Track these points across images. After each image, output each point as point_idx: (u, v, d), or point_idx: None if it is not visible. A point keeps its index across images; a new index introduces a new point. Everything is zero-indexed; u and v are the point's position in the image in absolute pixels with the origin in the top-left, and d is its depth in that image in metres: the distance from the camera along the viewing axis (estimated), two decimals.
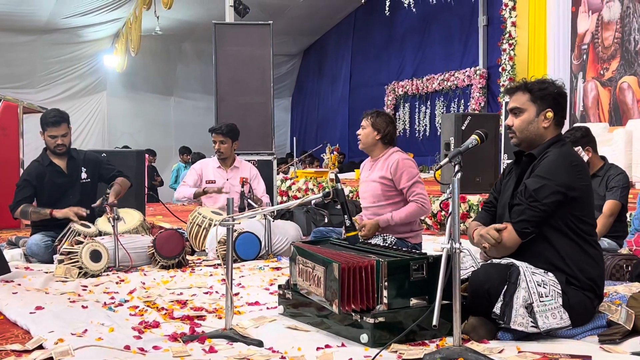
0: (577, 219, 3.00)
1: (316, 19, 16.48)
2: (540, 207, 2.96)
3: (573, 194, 2.97)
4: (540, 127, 3.13)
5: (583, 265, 2.99)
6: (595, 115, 9.71)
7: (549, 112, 3.12)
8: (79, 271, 4.47)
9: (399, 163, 4.59)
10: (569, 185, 2.97)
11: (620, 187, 4.68)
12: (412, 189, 4.57)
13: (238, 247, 5.11)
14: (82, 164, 5.40)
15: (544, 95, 3.12)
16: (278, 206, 3.55)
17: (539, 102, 3.12)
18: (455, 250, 2.63)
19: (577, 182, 2.99)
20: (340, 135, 16.66)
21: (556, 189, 2.96)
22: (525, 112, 3.14)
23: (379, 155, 4.73)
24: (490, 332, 2.91)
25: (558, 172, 2.99)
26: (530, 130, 3.13)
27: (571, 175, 2.99)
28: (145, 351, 2.78)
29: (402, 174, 4.58)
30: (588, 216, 3.07)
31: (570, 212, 2.99)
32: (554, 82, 3.18)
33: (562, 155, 3.05)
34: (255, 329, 3.11)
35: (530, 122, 3.13)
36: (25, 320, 3.24)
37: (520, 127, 3.15)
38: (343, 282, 2.88)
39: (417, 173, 4.66)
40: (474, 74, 12.58)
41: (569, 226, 3.00)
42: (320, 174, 10.57)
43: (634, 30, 9.08)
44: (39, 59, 15.17)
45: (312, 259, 3.14)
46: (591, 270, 3.01)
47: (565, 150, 3.09)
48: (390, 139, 4.74)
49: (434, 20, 13.90)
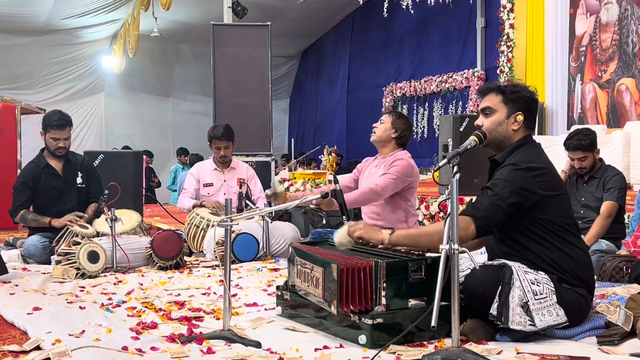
0: (550, 222, 3.01)
1: (314, 20, 16.48)
2: (495, 197, 2.97)
3: (534, 198, 2.97)
4: (509, 130, 3.14)
5: (569, 264, 3.01)
6: (593, 117, 9.71)
7: (519, 115, 3.13)
8: (76, 272, 4.46)
9: (397, 159, 4.68)
10: (529, 189, 2.97)
11: (618, 188, 4.68)
12: (381, 177, 4.63)
13: (236, 248, 5.10)
14: (79, 168, 5.39)
15: (517, 98, 3.14)
16: (276, 207, 3.55)
17: (511, 104, 3.14)
18: (453, 251, 2.62)
19: (537, 187, 2.98)
20: (338, 137, 16.66)
21: (514, 188, 2.97)
22: (496, 113, 3.16)
23: (388, 154, 4.77)
24: (488, 333, 2.91)
25: (516, 177, 3.00)
26: (499, 132, 3.15)
27: (529, 180, 2.99)
28: (143, 352, 2.77)
29: (392, 167, 4.66)
30: (563, 215, 3.06)
31: (540, 217, 3.00)
32: (527, 87, 3.21)
33: (520, 162, 3.05)
34: (253, 330, 3.11)
35: (500, 123, 3.14)
36: (23, 321, 3.22)
37: (490, 128, 3.16)
38: (342, 283, 2.88)
39: (402, 176, 4.66)
40: (472, 76, 12.58)
41: (544, 230, 3.01)
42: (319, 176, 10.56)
43: (631, 32, 9.09)
44: (37, 60, 15.16)
45: (310, 260, 3.14)
46: (578, 268, 3.02)
47: (527, 155, 3.08)
48: (404, 141, 4.86)
49: (432, 22, 13.91)
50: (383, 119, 4.84)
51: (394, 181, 4.63)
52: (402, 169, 4.66)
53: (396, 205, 4.75)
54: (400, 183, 4.66)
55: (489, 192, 3.02)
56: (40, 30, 14.45)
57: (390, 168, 4.68)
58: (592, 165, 4.81)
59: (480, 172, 7.47)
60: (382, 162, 4.81)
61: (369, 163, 4.98)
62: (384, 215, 4.77)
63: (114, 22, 14.87)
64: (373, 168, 4.87)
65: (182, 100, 17.26)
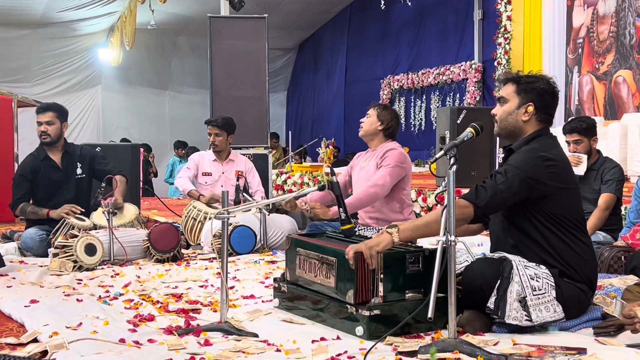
0: (559, 215, 3.00)
1: (311, 13, 16.44)
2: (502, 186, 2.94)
3: (543, 189, 2.96)
4: (519, 120, 3.13)
5: (574, 259, 3.00)
6: (590, 109, 9.71)
7: (529, 106, 3.11)
8: (73, 265, 4.46)
9: (388, 151, 4.72)
10: (538, 180, 2.96)
11: (616, 180, 4.69)
12: (378, 171, 4.65)
13: (233, 241, 5.10)
14: (77, 159, 5.39)
15: (529, 89, 3.12)
16: (274, 199, 3.55)
17: (523, 94, 3.13)
18: (450, 242, 2.63)
19: (547, 178, 2.97)
20: (336, 130, 16.64)
21: (524, 177, 2.95)
22: (508, 102, 3.15)
23: (377, 147, 4.81)
24: (485, 325, 2.92)
25: (529, 164, 2.98)
26: (509, 122, 3.14)
27: (541, 170, 2.98)
28: (140, 344, 2.77)
29: (385, 159, 4.69)
30: (572, 210, 3.05)
31: (549, 209, 2.99)
32: (545, 78, 3.16)
33: (535, 149, 3.04)
34: (250, 322, 3.11)
35: (510, 113, 3.14)
36: (20, 313, 3.23)
37: (501, 117, 3.16)
38: (358, 272, 2.89)
39: (398, 164, 4.68)
40: (469, 68, 12.56)
41: (553, 223, 3.00)
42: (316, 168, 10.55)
43: (629, 24, 9.08)
44: (34, 53, 15.10)
45: (319, 251, 3.14)
46: (582, 264, 3.02)
47: (541, 145, 3.07)
48: (391, 132, 4.87)
49: (430, 14, 13.88)
50: (369, 112, 4.88)
51: (392, 170, 4.65)
52: (396, 158, 4.70)
53: (391, 196, 4.77)
54: (398, 171, 4.69)
55: (498, 178, 2.98)
56: (36, 22, 14.39)
57: (383, 160, 4.70)
58: (587, 152, 4.80)
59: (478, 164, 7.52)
60: (372, 155, 4.83)
61: (360, 158, 5.00)
62: (378, 206, 4.78)
63: (110, 15, 14.81)
64: (364, 162, 4.90)
65: (179, 93, 17.21)
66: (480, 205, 2.96)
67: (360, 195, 4.67)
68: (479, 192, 2.98)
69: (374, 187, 4.65)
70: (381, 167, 4.68)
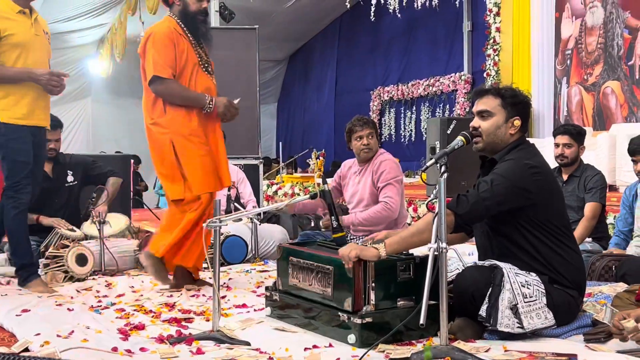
0: (545, 223, 3.02)
1: (301, 24, 16.49)
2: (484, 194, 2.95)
3: (530, 197, 2.98)
4: (507, 133, 3.14)
5: (562, 266, 3.02)
6: (579, 119, 9.77)
7: (517, 119, 3.14)
8: (64, 276, 4.45)
9: (382, 163, 4.74)
10: (525, 187, 2.98)
11: (599, 188, 4.70)
12: (384, 190, 4.67)
13: (224, 251, 5.10)
14: (68, 167, 5.39)
15: (515, 103, 3.15)
16: (265, 208, 3.56)
17: (510, 108, 3.14)
18: (441, 250, 2.64)
19: (533, 186, 2.99)
20: (327, 141, 16.67)
21: (511, 186, 2.97)
22: (494, 116, 3.15)
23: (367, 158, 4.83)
24: (476, 332, 2.93)
25: (515, 173, 3.01)
26: (498, 135, 3.14)
27: (527, 178, 3.00)
28: (132, 353, 2.77)
29: (382, 174, 4.71)
30: (558, 216, 3.08)
31: (535, 217, 3.01)
32: (521, 91, 3.23)
33: (520, 158, 3.06)
34: (242, 331, 3.11)
35: (498, 126, 3.14)
36: (11, 322, 3.22)
37: (489, 131, 3.14)
38: (355, 280, 2.90)
39: (395, 175, 4.71)
40: (458, 79, 12.63)
41: (539, 230, 3.02)
42: (307, 179, 10.57)
43: (617, 35, 9.16)
44: None
45: (313, 259, 3.15)
46: (571, 270, 3.04)
47: (525, 154, 3.10)
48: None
49: (419, 26, 13.95)
50: (369, 133, 4.86)
51: (393, 187, 4.69)
52: (394, 169, 4.73)
53: None
54: (400, 182, 4.74)
55: (481, 186, 3.00)
56: None
57: (381, 175, 4.70)
58: (574, 158, 4.82)
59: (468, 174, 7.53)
60: (365, 168, 4.82)
61: (350, 170, 4.99)
62: None
63: (101, 27, 14.80)
64: (357, 177, 4.88)
65: None
66: (461, 214, 2.97)
67: (372, 214, 4.68)
68: (460, 201, 2.99)
69: (386, 211, 4.66)
70: (387, 186, 4.68)
